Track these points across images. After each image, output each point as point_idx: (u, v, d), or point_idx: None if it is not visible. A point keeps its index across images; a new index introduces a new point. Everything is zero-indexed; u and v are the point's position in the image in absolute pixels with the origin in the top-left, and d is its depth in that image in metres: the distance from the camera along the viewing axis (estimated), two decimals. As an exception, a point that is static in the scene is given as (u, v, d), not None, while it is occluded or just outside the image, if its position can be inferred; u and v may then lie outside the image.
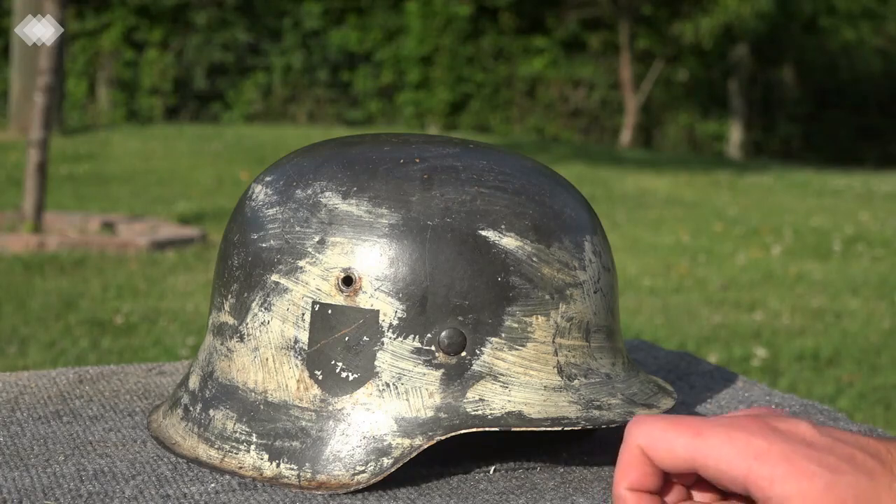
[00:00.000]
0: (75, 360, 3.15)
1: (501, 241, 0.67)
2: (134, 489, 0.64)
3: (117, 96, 12.94)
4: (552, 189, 0.71)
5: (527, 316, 0.67)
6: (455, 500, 0.64)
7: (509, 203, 0.68)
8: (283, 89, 13.40)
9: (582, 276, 0.70)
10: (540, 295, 0.68)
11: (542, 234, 0.68)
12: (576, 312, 0.69)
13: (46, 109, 5.01)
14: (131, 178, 7.31)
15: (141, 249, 4.89)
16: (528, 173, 0.72)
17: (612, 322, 0.72)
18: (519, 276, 0.67)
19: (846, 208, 7.53)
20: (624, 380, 0.71)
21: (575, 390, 0.68)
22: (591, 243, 0.71)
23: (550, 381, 0.67)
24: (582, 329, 0.69)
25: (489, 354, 0.66)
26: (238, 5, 13.34)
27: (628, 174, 8.92)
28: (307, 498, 0.64)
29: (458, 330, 0.66)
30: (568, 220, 0.70)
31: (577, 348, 0.69)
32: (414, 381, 0.66)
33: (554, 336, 0.68)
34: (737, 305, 4.34)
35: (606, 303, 0.71)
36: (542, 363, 0.67)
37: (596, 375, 0.69)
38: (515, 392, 0.66)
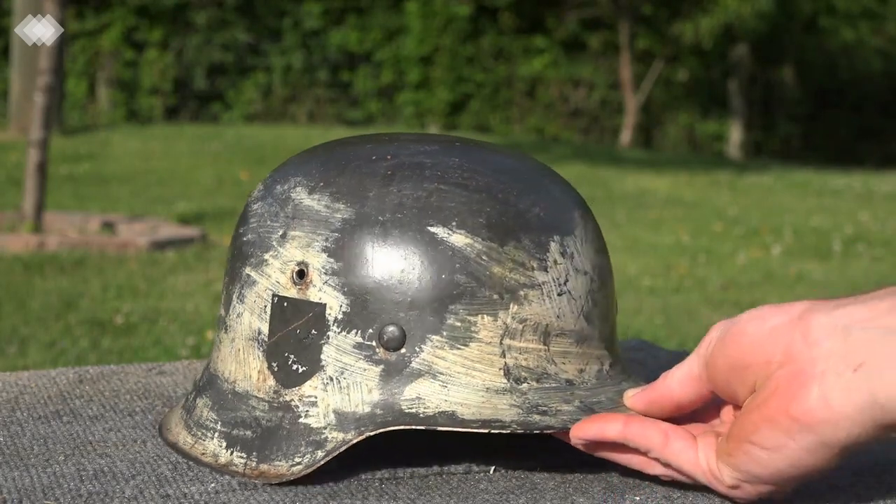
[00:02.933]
0: (75, 360, 3.15)
1: (450, 238, 0.66)
2: (134, 489, 0.64)
3: (117, 96, 12.95)
4: (525, 188, 0.69)
5: (471, 315, 0.66)
6: (455, 500, 0.64)
7: (466, 200, 0.67)
8: (283, 89, 13.40)
9: (541, 277, 0.67)
10: (487, 294, 0.66)
11: (496, 232, 0.66)
12: (531, 314, 0.66)
13: (46, 109, 5.01)
14: (131, 178, 7.31)
15: (141, 249, 4.89)
16: (504, 171, 0.70)
17: (588, 327, 0.69)
18: (465, 274, 0.66)
19: (846, 208, 7.53)
20: (593, 387, 0.68)
21: (521, 394, 0.66)
22: (559, 244, 0.68)
23: (494, 382, 0.66)
24: (538, 332, 0.67)
25: (429, 352, 0.66)
26: (238, 5, 13.34)
27: (628, 174, 8.92)
28: (307, 498, 0.64)
29: (399, 326, 0.66)
30: (532, 220, 0.68)
31: (531, 351, 0.67)
32: (355, 375, 0.66)
33: (502, 337, 0.66)
34: (737, 305, 4.34)
35: (577, 307, 0.68)
36: (486, 364, 0.66)
37: (552, 381, 0.67)
38: (454, 392, 0.65)
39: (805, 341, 0.59)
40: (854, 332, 0.58)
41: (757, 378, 0.60)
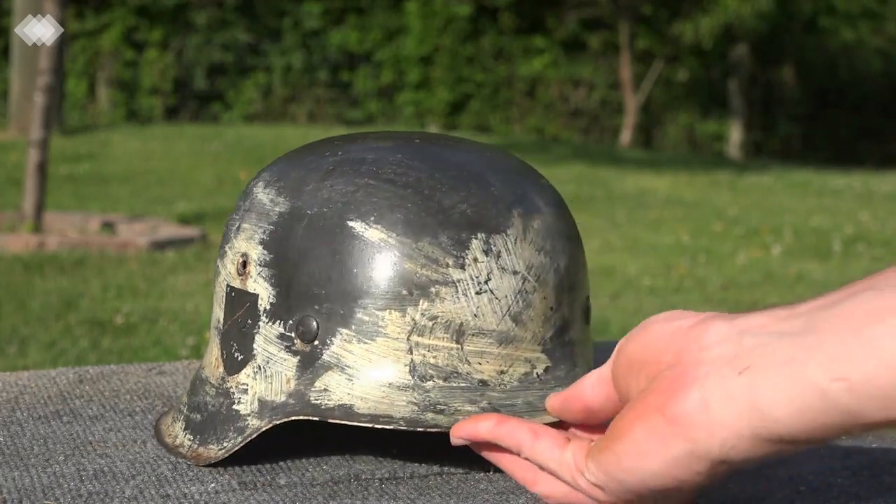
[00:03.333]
0: (75, 360, 3.16)
1: (366, 232, 0.67)
2: (134, 489, 0.64)
3: (117, 96, 12.95)
4: (458, 185, 0.68)
5: (379, 310, 0.66)
6: (455, 500, 0.64)
7: (391, 196, 0.67)
8: (283, 89, 13.40)
9: (457, 274, 0.66)
10: (396, 290, 0.66)
11: (413, 228, 0.66)
12: (443, 312, 0.66)
13: (46, 109, 5.01)
14: (131, 178, 7.31)
15: (141, 249, 4.89)
16: (445, 168, 0.69)
17: (515, 328, 0.67)
18: (376, 269, 0.66)
19: (846, 208, 7.53)
20: (512, 390, 0.66)
21: (423, 392, 0.66)
22: (482, 242, 0.66)
23: (398, 378, 0.66)
24: (451, 330, 0.66)
25: (338, 346, 0.67)
26: (238, 5, 13.34)
27: (628, 174, 8.92)
28: (306, 498, 0.64)
29: (313, 318, 0.67)
30: (455, 217, 0.67)
31: (442, 349, 0.66)
32: (277, 365, 0.68)
33: (409, 334, 0.66)
34: (737, 305, 4.34)
35: (501, 307, 0.66)
36: (392, 360, 0.66)
37: (462, 380, 0.66)
38: (358, 386, 0.66)
39: (698, 344, 0.56)
40: (746, 338, 0.55)
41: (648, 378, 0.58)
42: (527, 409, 0.66)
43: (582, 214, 6.60)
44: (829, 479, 0.69)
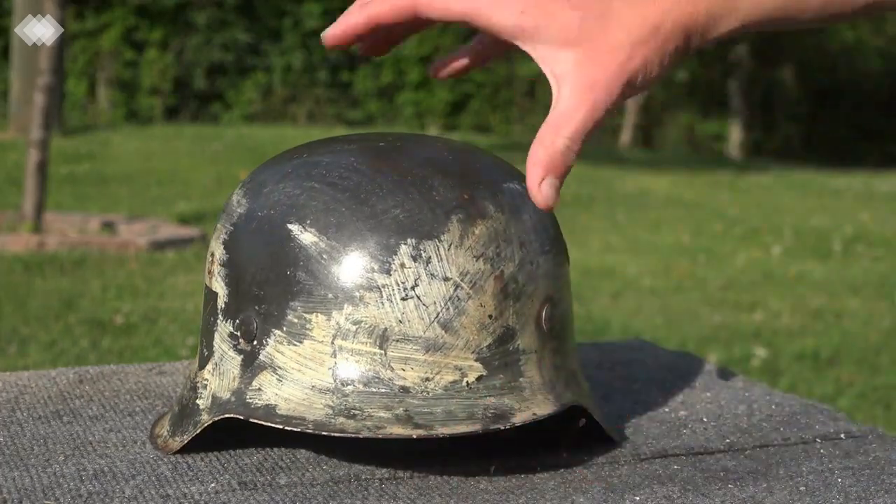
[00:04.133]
0: (75, 360, 3.16)
1: (301, 235, 0.67)
2: (134, 489, 0.64)
3: (117, 96, 12.95)
4: (398, 189, 0.68)
5: (307, 313, 0.67)
6: (455, 500, 0.64)
7: (330, 199, 0.68)
8: (283, 89, 13.40)
9: (382, 279, 0.66)
10: (322, 293, 0.66)
11: (344, 232, 0.67)
12: (367, 317, 0.66)
13: (46, 109, 5.01)
14: (131, 178, 7.31)
15: (141, 249, 4.89)
16: (392, 172, 0.69)
17: (445, 335, 0.66)
18: (306, 271, 0.67)
19: (846, 208, 7.53)
20: (434, 398, 0.66)
21: (342, 396, 0.66)
22: (412, 247, 0.66)
23: (320, 381, 0.66)
24: (374, 335, 0.66)
25: (272, 346, 0.68)
26: (238, 5, 13.34)
27: (628, 174, 8.92)
28: (306, 498, 0.64)
29: (254, 318, 0.68)
30: (387, 221, 0.66)
31: (364, 354, 0.66)
32: (227, 363, 0.70)
33: (334, 337, 0.66)
34: (737, 305, 4.34)
35: (429, 313, 0.66)
36: (317, 363, 0.67)
37: (383, 386, 0.66)
38: (286, 387, 0.67)
39: None
40: None
41: None
42: (445, 418, 0.65)
43: (582, 214, 6.60)
44: (829, 479, 0.69)
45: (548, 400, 0.68)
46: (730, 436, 0.76)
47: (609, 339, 3.54)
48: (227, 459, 0.69)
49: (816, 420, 0.80)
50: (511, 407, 0.67)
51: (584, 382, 0.74)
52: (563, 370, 0.71)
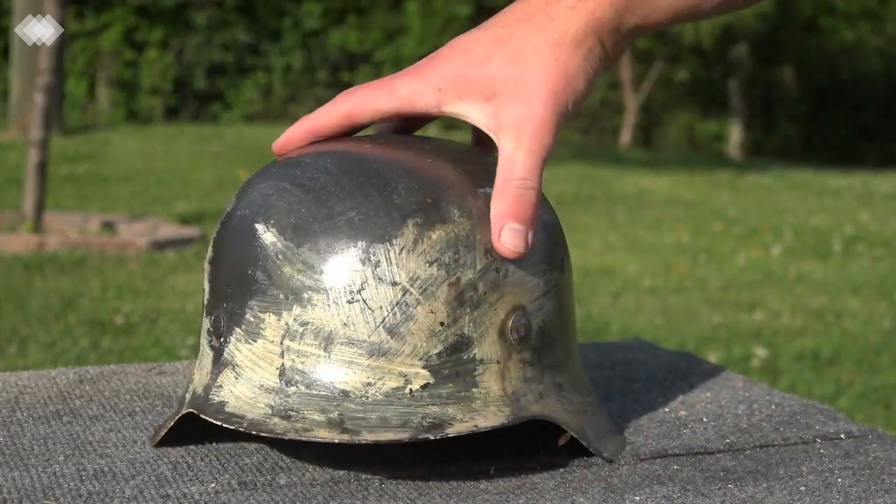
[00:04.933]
0: (75, 360, 3.16)
1: (263, 235, 0.67)
2: (134, 489, 0.64)
3: (117, 96, 12.95)
4: (359, 191, 0.67)
5: (262, 312, 0.67)
6: (455, 500, 0.64)
7: (294, 200, 0.68)
8: (283, 89, 13.41)
9: (329, 281, 0.65)
10: (275, 293, 0.66)
11: (299, 233, 0.66)
12: (313, 318, 0.65)
13: (46, 109, 5.01)
14: (131, 178, 7.32)
15: (141, 249, 4.89)
16: (358, 174, 0.68)
17: (391, 341, 0.65)
18: (263, 271, 0.67)
19: (846, 208, 7.53)
20: (373, 403, 0.65)
21: (285, 396, 0.66)
22: (361, 251, 0.65)
23: (269, 381, 0.66)
24: (319, 337, 0.65)
25: (233, 344, 0.68)
26: (238, 5, 13.34)
27: (628, 174, 8.92)
28: (306, 498, 0.64)
29: (221, 316, 0.69)
30: (340, 224, 0.66)
31: (310, 355, 0.66)
32: (204, 359, 0.71)
33: (283, 337, 0.66)
34: (737, 305, 4.34)
35: (375, 317, 0.65)
36: (267, 362, 0.67)
37: (324, 388, 0.65)
38: (240, 385, 0.67)
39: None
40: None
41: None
42: (377, 424, 0.64)
43: (582, 214, 6.60)
44: (829, 479, 0.69)
45: (501, 412, 0.66)
46: (730, 436, 0.76)
47: (609, 339, 3.54)
48: (227, 459, 0.69)
49: (816, 420, 0.80)
50: (452, 417, 0.65)
51: (577, 397, 0.72)
52: (538, 383, 0.69)
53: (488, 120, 0.70)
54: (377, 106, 0.72)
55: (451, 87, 0.70)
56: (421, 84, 0.71)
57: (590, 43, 0.70)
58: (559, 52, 0.69)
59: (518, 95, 0.69)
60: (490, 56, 0.70)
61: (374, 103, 0.72)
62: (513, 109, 0.69)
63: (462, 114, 0.71)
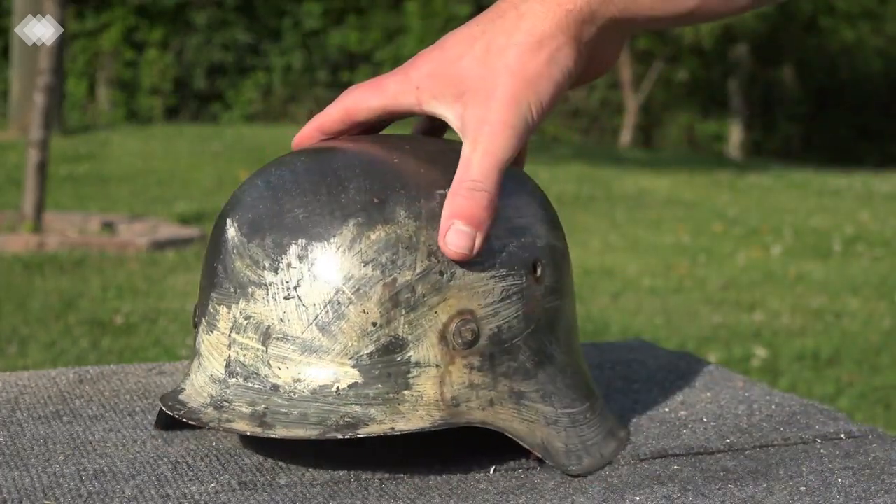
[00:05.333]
0: (75, 360, 3.16)
1: (228, 230, 0.69)
2: (134, 489, 0.64)
3: (117, 96, 12.95)
4: (312, 189, 0.67)
5: (217, 304, 0.69)
6: (455, 500, 0.64)
7: (257, 197, 0.69)
8: (283, 89, 13.41)
9: (270, 277, 0.66)
10: (227, 287, 0.68)
11: (251, 228, 0.68)
12: (254, 313, 0.66)
13: (46, 109, 5.01)
14: (131, 178, 7.32)
15: (141, 249, 4.89)
16: (316, 172, 0.69)
17: (322, 338, 0.65)
18: (222, 264, 0.69)
19: (846, 208, 7.53)
20: (299, 399, 0.65)
21: (225, 387, 0.67)
22: (301, 248, 0.66)
23: (216, 372, 0.68)
24: (259, 331, 0.66)
25: (200, 335, 0.70)
26: (238, 5, 13.34)
27: (628, 174, 8.92)
28: (306, 498, 0.64)
29: (196, 307, 0.72)
30: (287, 221, 0.67)
31: (250, 349, 0.67)
32: (192, 350, 0.72)
33: (231, 330, 0.67)
34: (737, 305, 4.34)
35: (308, 314, 0.65)
36: (218, 353, 0.68)
37: (258, 382, 0.66)
38: (198, 375, 0.70)
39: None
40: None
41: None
42: (294, 421, 0.65)
43: (582, 214, 6.60)
44: (829, 479, 0.69)
45: (429, 417, 0.65)
46: (730, 436, 0.76)
47: (609, 339, 3.54)
48: (227, 459, 0.69)
49: (816, 420, 0.80)
50: (372, 418, 0.65)
51: (551, 408, 0.69)
52: (490, 390, 0.67)
53: (457, 120, 0.70)
54: (369, 104, 0.73)
55: (427, 86, 0.70)
56: (403, 83, 0.72)
57: (558, 41, 0.68)
58: (523, 52, 0.68)
59: (480, 97, 0.68)
60: (461, 55, 0.69)
61: (367, 101, 0.73)
62: (474, 111, 0.68)
63: (438, 113, 0.71)
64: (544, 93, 0.68)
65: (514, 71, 0.68)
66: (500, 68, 0.68)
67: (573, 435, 0.70)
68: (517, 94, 0.68)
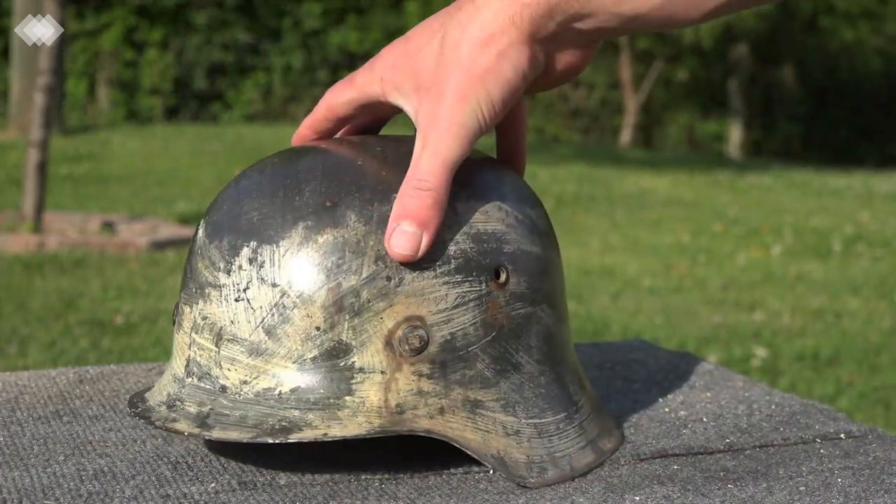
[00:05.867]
0: (75, 360, 3.16)
1: (200, 231, 0.70)
2: (134, 489, 0.64)
3: (117, 96, 12.95)
4: (271, 192, 0.67)
5: (184, 304, 0.69)
6: (455, 500, 0.64)
7: (225, 198, 0.70)
8: (283, 89, 13.41)
9: (223, 279, 0.66)
10: (191, 287, 0.69)
11: (213, 229, 0.68)
12: (210, 313, 0.67)
13: (46, 109, 5.01)
14: (131, 178, 7.32)
15: (141, 249, 4.89)
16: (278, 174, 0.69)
17: (268, 341, 0.65)
18: (190, 264, 0.70)
19: (846, 208, 7.54)
20: (244, 401, 0.65)
21: (182, 387, 0.68)
22: (251, 250, 0.66)
23: (178, 371, 0.69)
24: (213, 332, 0.67)
25: (174, 334, 0.71)
26: (238, 5, 13.34)
27: (628, 174, 8.92)
28: (306, 498, 0.64)
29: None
30: (243, 223, 0.67)
31: (205, 350, 0.67)
32: None
33: (192, 329, 0.68)
34: (737, 305, 4.34)
35: (255, 317, 0.65)
36: (181, 352, 0.69)
37: (210, 383, 0.67)
38: (167, 374, 0.71)
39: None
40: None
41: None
42: (233, 423, 0.65)
43: (581, 214, 6.60)
44: (829, 479, 0.69)
45: (368, 423, 0.64)
46: (730, 436, 0.76)
47: (609, 339, 3.54)
48: (227, 459, 0.69)
49: (816, 420, 0.80)
50: (308, 423, 0.64)
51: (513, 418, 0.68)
52: (441, 398, 0.66)
53: (413, 115, 0.68)
54: (344, 97, 0.73)
55: (389, 77, 0.70)
56: (369, 74, 0.71)
57: (510, 37, 0.66)
58: (474, 49, 0.66)
59: (433, 93, 0.66)
60: (420, 48, 0.68)
61: (342, 95, 0.73)
62: (427, 107, 0.67)
63: (399, 104, 0.70)
64: (494, 90, 0.66)
65: (464, 67, 0.65)
66: (451, 65, 0.66)
67: (538, 446, 0.68)
68: (466, 92, 0.65)
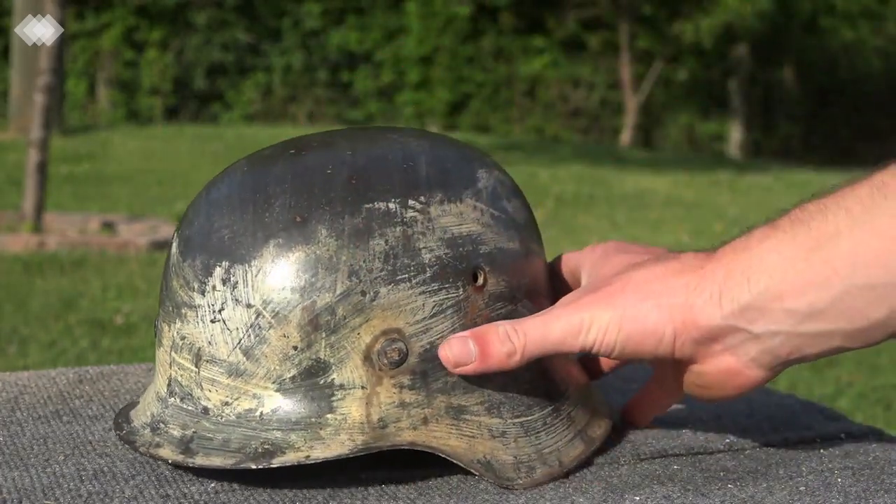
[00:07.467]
0: (75, 360, 3.16)
1: (173, 245, 0.69)
2: (134, 489, 0.64)
3: (117, 96, 12.95)
4: (241, 207, 0.66)
5: (162, 321, 0.69)
6: (455, 500, 0.64)
7: (196, 212, 0.69)
8: (283, 89, 13.40)
9: (199, 299, 0.66)
10: (168, 305, 0.68)
11: (186, 247, 0.67)
12: (188, 333, 0.66)
13: (46, 109, 5.01)
14: (131, 178, 7.32)
15: (141, 249, 4.89)
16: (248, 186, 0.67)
17: (246, 362, 0.65)
18: (166, 281, 0.69)
19: (846, 208, 7.52)
20: (225, 423, 0.65)
21: (165, 407, 0.67)
22: (224, 270, 0.65)
23: (161, 390, 0.68)
24: (192, 352, 0.66)
25: (155, 349, 0.71)
26: (238, 5, 13.34)
27: (628, 174, 8.92)
28: (306, 498, 0.64)
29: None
30: (214, 241, 0.66)
31: (186, 370, 0.66)
32: None
33: (171, 348, 0.67)
34: (737, 305, 4.34)
35: (232, 338, 0.65)
36: (163, 370, 0.68)
37: (192, 404, 0.66)
38: (150, 390, 0.71)
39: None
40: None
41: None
42: (216, 447, 0.64)
43: (581, 214, 6.60)
44: (829, 479, 0.69)
45: (351, 441, 0.64)
46: (730, 436, 0.76)
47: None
48: (227, 459, 0.69)
49: (816, 420, 0.80)
50: (291, 445, 0.64)
51: (498, 419, 0.67)
52: (424, 407, 0.65)
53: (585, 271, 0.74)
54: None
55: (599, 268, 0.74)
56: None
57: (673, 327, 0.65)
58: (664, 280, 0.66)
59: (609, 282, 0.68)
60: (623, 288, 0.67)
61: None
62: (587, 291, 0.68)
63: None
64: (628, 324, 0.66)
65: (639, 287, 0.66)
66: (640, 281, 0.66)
67: (526, 445, 0.68)
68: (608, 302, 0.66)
